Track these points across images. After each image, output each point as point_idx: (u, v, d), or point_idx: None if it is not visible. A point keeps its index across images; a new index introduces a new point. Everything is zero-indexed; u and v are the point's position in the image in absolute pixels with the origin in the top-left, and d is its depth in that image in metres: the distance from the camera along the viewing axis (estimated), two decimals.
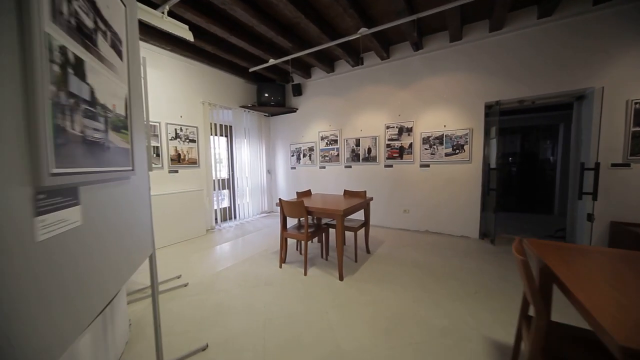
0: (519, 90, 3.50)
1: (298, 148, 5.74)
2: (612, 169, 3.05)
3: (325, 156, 5.35)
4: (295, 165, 5.85)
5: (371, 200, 3.32)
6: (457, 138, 3.95)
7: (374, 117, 4.72)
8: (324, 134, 5.34)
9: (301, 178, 5.79)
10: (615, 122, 3.02)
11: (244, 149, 5.47)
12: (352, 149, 4.99)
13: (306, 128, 5.62)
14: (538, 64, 3.38)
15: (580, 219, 3.33)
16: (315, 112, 5.46)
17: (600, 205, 3.09)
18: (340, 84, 5.09)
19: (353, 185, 5.04)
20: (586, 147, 3.22)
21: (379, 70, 4.62)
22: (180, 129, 4.20)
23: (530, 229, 4.43)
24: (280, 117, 6.03)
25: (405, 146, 4.41)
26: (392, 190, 4.61)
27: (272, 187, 6.33)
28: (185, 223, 4.05)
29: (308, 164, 5.62)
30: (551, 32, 3.28)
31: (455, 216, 4.08)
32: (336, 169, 5.24)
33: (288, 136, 5.92)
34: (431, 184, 4.23)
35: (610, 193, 3.07)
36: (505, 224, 4.83)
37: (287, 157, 5.97)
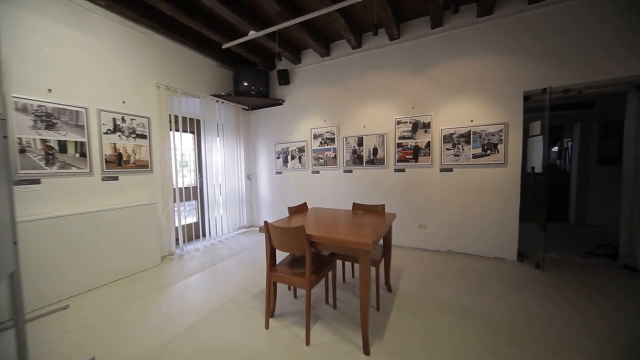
0: (566, 77, 2.79)
1: (285, 148, 4.71)
2: None
3: (319, 158, 4.36)
4: (281, 170, 4.80)
5: (394, 218, 2.37)
6: (489, 136, 3.16)
7: (381, 110, 3.83)
8: (317, 131, 4.36)
9: (289, 185, 4.74)
10: None
11: (217, 150, 4.33)
12: (353, 150, 4.06)
13: (295, 124, 4.61)
14: (592, 43, 2.68)
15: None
16: (306, 104, 4.48)
17: None
18: (337, 70, 4.16)
19: (355, 194, 4.10)
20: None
21: (386, 52, 3.76)
22: (122, 120, 3.00)
23: (558, 244, 3.74)
24: (263, 111, 4.96)
25: (421, 145, 3.56)
26: (405, 200, 3.73)
27: (252, 196, 5.21)
28: (127, 251, 2.84)
29: (298, 167, 4.60)
30: (607, 6, 2.60)
31: (486, 233, 3.27)
32: (333, 174, 4.27)
33: (272, 134, 4.87)
34: (455, 192, 3.41)
35: None
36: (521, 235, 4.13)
37: (272, 160, 4.90)
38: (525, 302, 2.20)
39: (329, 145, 4.26)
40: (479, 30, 3.19)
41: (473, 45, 3.23)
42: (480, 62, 3.20)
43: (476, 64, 3.22)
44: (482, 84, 3.20)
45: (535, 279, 2.64)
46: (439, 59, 3.43)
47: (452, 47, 3.35)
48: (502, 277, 2.71)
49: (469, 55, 3.26)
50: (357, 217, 2.31)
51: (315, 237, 1.73)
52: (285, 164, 4.72)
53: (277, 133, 4.81)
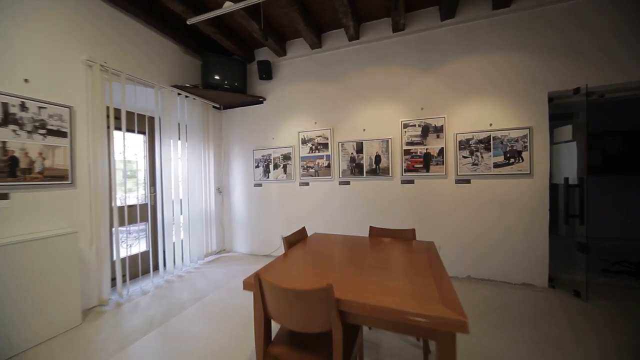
0: (596, 77, 2.49)
1: (266, 156, 3.89)
2: None
3: (309, 167, 3.63)
4: (261, 181, 3.95)
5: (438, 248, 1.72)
6: (511, 142, 2.75)
7: (384, 112, 3.27)
8: (306, 135, 3.64)
9: (271, 200, 3.90)
10: None
11: (178, 156, 3.36)
12: (350, 157, 3.41)
13: (279, 127, 3.84)
14: (623, 42, 2.42)
15: None
16: (293, 103, 3.76)
17: None
18: (331, 65, 3.54)
19: (352, 211, 3.42)
20: None
21: (388, 46, 3.24)
22: (20, 106, 1.97)
23: (565, 259, 3.42)
24: (239, 110, 4.11)
25: (433, 153, 3.03)
26: (414, 217, 3.15)
27: (224, 214, 4.24)
28: (19, 313, 1.76)
29: (282, 178, 3.80)
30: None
31: (511, 255, 2.80)
32: (326, 187, 3.56)
33: (251, 138, 4.03)
34: (473, 207, 2.91)
35: None
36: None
37: (249, 169, 4.03)
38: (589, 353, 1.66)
39: (321, 152, 3.56)
40: (496, 24, 2.82)
41: (489, 40, 2.85)
42: (498, 58, 2.82)
43: (493, 60, 2.84)
44: (501, 83, 2.81)
45: (587, 314, 2.17)
46: (450, 55, 2.99)
47: (464, 41, 2.94)
48: (539, 309, 2.20)
49: (484, 51, 2.87)
50: (388, 251, 1.60)
51: (349, 305, 0.97)
52: (267, 174, 3.89)
53: (257, 137, 3.98)
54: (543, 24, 2.67)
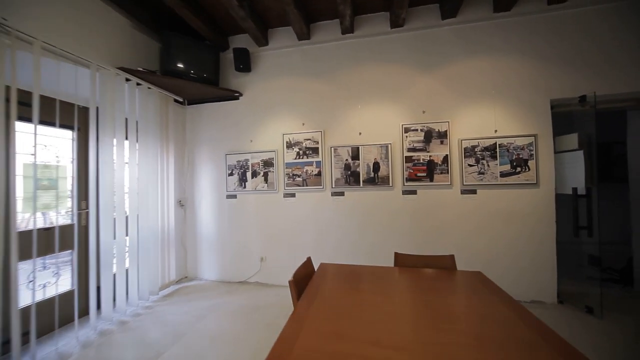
0: (597, 86, 2.47)
1: (242, 161, 3.25)
2: None
3: (295, 175, 3.09)
4: (235, 192, 3.27)
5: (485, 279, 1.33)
6: (517, 149, 2.60)
7: (383, 114, 2.93)
8: (293, 137, 3.12)
9: (248, 214, 3.24)
10: None
11: (126, 161, 2.55)
12: (345, 164, 2.97)
13: (259, 127, 3.25)
14: (623, 52, 2.45)
15: None
16: (276, 101, 3.22)
17: None
18: (321, 60, 3.11)
19: (346, 226, 2.97)
20: None
21: (386, 42, 2.95)
22: None
23: (569, 273, 3.43)
24: (209, 107, 3.42)
25: (436, 160, 2.76)
26: (417, 232, 2.81)
27: (187, 232, 3.43)
28: None
29: (262, 189, 3.18)
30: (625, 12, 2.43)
31: (519, 270, 2.60)
32: (316, 198, 3.05)
33: (223, 140, 3.35)
34: (480, 219, 2.68)
35: None
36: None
37: (221, 177, 3.33)
38: None
39: (311, 158, 3.06)
40: (498, 26, 2.70)
41: (491, 42, 2.72)
42: (501, 62, 2.69)
43: (496, 63, 2.70)
44: (504, 88, 2.67)
45: (606, 334, 1.99)
46: (451, 55, 2.79)
47: (466, 42, 2.77)
48: (572, 338, 1.97)
49: (486, 53, 2.72)
50: (439, 294, 1.16)
51: None
52: (243, 184, 3.24)
53: (231, 139, 3.32)
54: (544, 30, 2.62)
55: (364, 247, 2.92)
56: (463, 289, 1.18)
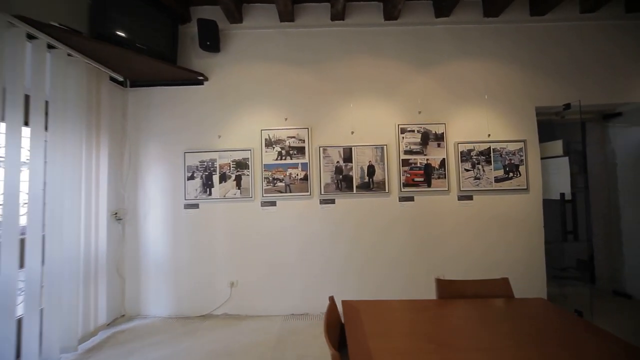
0: (570, 95, 2.60)
1: (208, 162, 2.59)
2: None
3: (276, 180, 2.57)
4: (198, 200, 2.58)
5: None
6: (509, 155, 2.57)
7: (377, 112, 2.64)
8: (273, 134, 2.61)
9: (214, 227, 2.58)
10: None
11: (26, 157, 1.69)
12: (336, 167, 2.58)
13: (230, 120, 2.65)
14: (589, 66, 2.63)
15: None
16: (252, 90, 2.67)
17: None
18: (308, 47, 2.70)
19: (338, 237, 2.57)
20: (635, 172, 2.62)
21: (380, 35, 2.70)
22: None
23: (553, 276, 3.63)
24: (163, 91, 2.67)
25: (434, 164, 2.57)
26: (415, 242, 2.56)
27: (126, 255, 2.57)
28: None
29: (234, 196, 2.57)
30: (597, 31, 2.65)
31: (516, 278, 2.52)
32: (301, 207, 2.58)
33: (182, 134, 2.64)
34: (477, 227, 2.56)
35: None
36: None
37: (178, 181, 2.60)
38: None
39: (295, 159, 2.59)
40: (487, 31, 2.69)
41: (483, 45, 2.69)
42: (492, 65, 2.67)
43: (488, 66, 2.67)
44: (496, 91, 2.65)
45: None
46: (446, 56, 2.68)
47: (460, 42, 2.69)
48: None
49: (479, 55, 2.68)
50: (516, 343, 0.83)
51: None
52: (208, 190, 2.57)
53: (192, 133, 2.64)
54: (526, 39, 2.68)
55: (356, 263, 2.55)
56: (544, 328, 0.89)
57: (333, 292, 2.46)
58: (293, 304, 2.51)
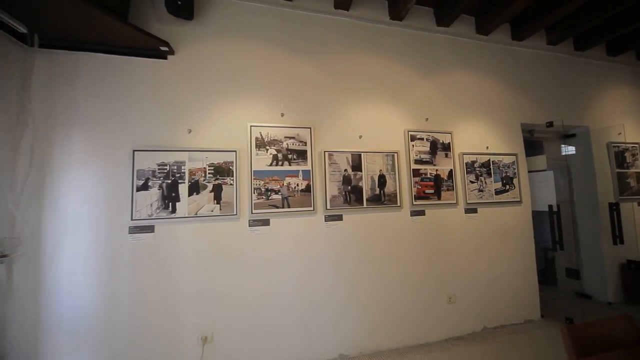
0: (546, 115, 2.86)
1: (172, 165, 1.84)
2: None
3: (270, 191, 1.99)
4: (152, 219, 1.78)
5: None
6: (505, 167, 2.62)
7: (385, 116, 2.38)
8: (266, 132, 2.05)
9: (176, 260, 1.81)
10: (603, 164, 3.02)
11: None
12: (343, 177, 2.16)
13: (205, 110, 1.98)
14: (553, 91, 2.96)
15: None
16: (238, 73, 2.07)
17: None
18: (309, 33, 2.29)
19: (344, 262, 2.13)
20: (586, 187, 3.01)
21: (387, 35, 2.49)
22: None
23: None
24: (101, 60, 1.81)
25: (443, 175, 2.42)
26: (426, 260, 2.32)
27: (15, 317, 1.53)
28: None
29: (209, 213, 1.87)
30: (557, 61, 3.02)
31: (512, 291, 2.55)
32: (302, 225, 2.05)
33: (127, 124, 1.82)
34: (481, 240, 2.49)
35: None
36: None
37: (120, 193, 1.75)
38: None
39: (295, 166, 2.07)
40: (479, 47, 2.76)
41: (475, 60, 2.74)
42: (484, 80, 2.75)
43: (481, 81, 2.73)
44: (490, 106, 2.71)
45: None
46: (446, 65, 2.64)
47: (459, 55, 2.69)
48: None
49: (475, 70, 2.72)
50: None
51: None
52: (170, 205, 1.81)
53: (146, 124, 1.85)
54: (511, 61, 2.86)
55: (364, 290, 2.13)
56: None
57: (338, 328, 1.97)
58: (292, 352, 1.91)
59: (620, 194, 2.98)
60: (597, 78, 3.18)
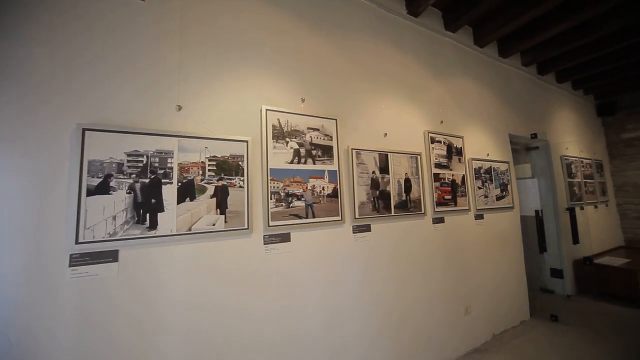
0: (520, 127, 3.14)
1: (151, 156, 1.21)
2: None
3: (291, 196, 1.53)
4: (115, 241, 1.12)
5: None
6: (502, 174, 2.73)
7: (405, 113, 2.18)
8: (287, 120, 1.58)
9: (154, 308, 1.18)
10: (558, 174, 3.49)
11: None
12: (372, 180, 1.85)
13: (198, 77, 1.39)
14: (526, 106, 3.30)
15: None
16: (246, 36, 1.55)
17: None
18: (331, 11, 1.92)
19: (372, 282, 1.80)
20: (548, 195, 3.42)
21: (401, 27, 2.34)
22: None
23: None
24: None
25: (457, 180, 2.34)
26: (446, 270, 2.17)
27: None
28: None
29: (211, 229, 1.30)
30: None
31: (513, 295, 2.63)
32: (327, 239, 1.64)
33: (68, 89, 1.12)
34: (487, 246, 2.51)
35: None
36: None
37: (54, 201, 1.05)
38: None
39: (320, 165, 1.66)
40: (477, 58, 2.86)
41: (477, 68, 2.82)
42: (483, 90, 2.83)
43: (480, 90, 2.81)
44: (488, 115, 2.80)
45: (592, 342, 2.26)
46: (453, 70, 2.63)
47: (461, 62, 2.72)
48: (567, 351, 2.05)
49: (474, 79, 2.78)
50: None
51: None
52: (146, 217, 1.17)
53: (105, 89, 1.18)
54: (499, 75, 3.05)
55: (396, 312, 1.84)
56: None
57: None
58: None
59: (570, 199, 3.46)
60: (552, 100, 3.69)
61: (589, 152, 4.12)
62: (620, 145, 4.46)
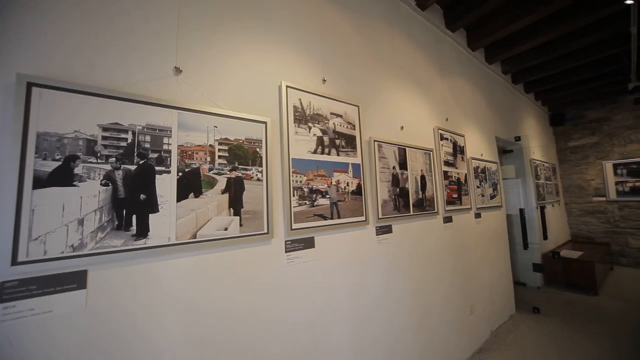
0: (501, 130, 3.34)
1: (139, 133, 0.85)
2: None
3: (315, 192, 1.27)
4: (79, 256, 0.73)
5: None
6: (493, 174, 2.83)
7: (417, 107, 2.09)
8: (308, 101, 1.32)
9: (145, 344, 0.81)
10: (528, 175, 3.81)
11: None
12: (392, 176, 1.69)
13: (202, 39, 1.07)
14: (504, 109, 3.52)
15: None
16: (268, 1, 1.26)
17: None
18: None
19: (394, 287, 1.64)
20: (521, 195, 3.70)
21: (411, 19, 2.24)
22: None
23: None
24: None
25: (462, 179, 2.33)
26: (455, 271, 2.13)
27: None
28: None
29: (222, 235, 0.97)
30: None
31: (501, 291, 2.72)
32: (351, 243, 1.42)
33: (22, 24, 0.70)
34: (484, 245, 2.55)
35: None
36: None
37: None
38: None
39: (344, 157, 1.43)
40: (470, 60, 2.93)
41: (469, 71, 2.88)
42: (475, 91, 2.90)
43: (474, 91, 2.87)
44: (482, 116, 2.88)
45: (572, 332, 2.44)
46: (453, 68, 2.63)
47: (459, 61, 2.74)
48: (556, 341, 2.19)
49: (467, 79, 2.83)
50: None
51: None
52: (131, 220, 0.81)
53: (73, 36, 0.79)
54: (486, 79, 3.18)
55: (415, 315, 1.70)
56: None
57: None
58: None
59: (537, 199, 3.78)
60: (522, 107, 4.02)
61: (546, 157, 4.60)
62: (567, 152, 5.09)
